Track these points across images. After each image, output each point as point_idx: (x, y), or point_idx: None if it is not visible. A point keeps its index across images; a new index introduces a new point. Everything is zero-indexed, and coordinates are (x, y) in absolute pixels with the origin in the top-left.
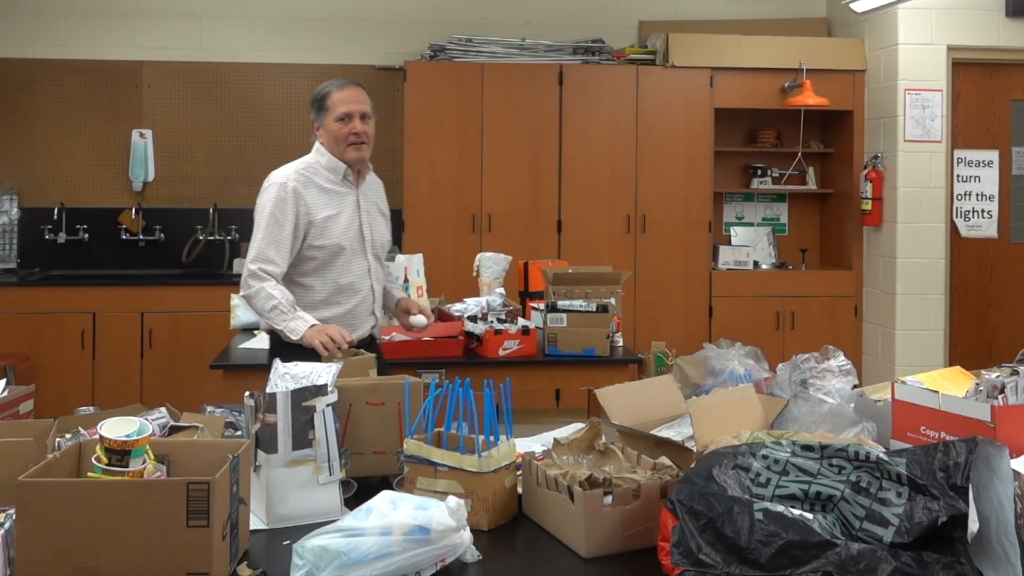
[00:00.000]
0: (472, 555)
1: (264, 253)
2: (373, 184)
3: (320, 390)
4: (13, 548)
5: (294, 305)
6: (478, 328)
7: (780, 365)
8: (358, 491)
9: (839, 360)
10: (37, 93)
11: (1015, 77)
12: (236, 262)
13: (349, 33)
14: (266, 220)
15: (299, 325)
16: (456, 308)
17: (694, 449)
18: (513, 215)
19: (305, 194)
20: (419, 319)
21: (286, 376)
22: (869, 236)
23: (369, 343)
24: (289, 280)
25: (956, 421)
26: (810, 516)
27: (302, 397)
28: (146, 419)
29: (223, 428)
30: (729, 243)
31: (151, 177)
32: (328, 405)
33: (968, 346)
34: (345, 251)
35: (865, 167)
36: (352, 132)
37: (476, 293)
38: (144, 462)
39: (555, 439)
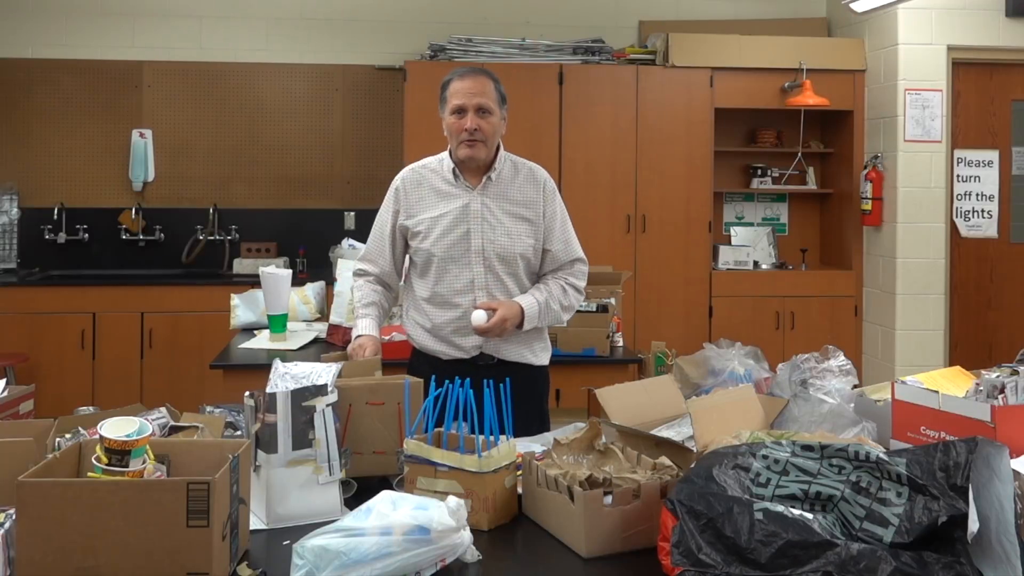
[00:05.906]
0: (472, 555)
1: (367, 252)
2: (516, 185)
3: (320, 390)
4: (13, 548)
5: (368, 305)
6: None
7: (780, 365)
8: (358, 491)
9: (839, 360)
10: (37, 93)
11: (1015, 77)
12: (236, 262)
13: (349, 33)
14: (376, 218)
15: (356, 328)
16: None
17: (694, 449)
18: None
19: (411, 194)
20: (478, 314)
21: (286, 376)
22: (869, 236)
23: (471, 367)
24: (410, 277)
25: (956, 421)
26: (810, 516)
27: (302, 397)
28: (146, 419)
29: (223, 428)
30: (729, 243)
31: (151, 177)
32: (328, 405)
33: (968, 346)
34: (437, 259)
35: (865, 167)
36: (463, 129)
37: None
38: (144, 462)
39: (555, 439)
